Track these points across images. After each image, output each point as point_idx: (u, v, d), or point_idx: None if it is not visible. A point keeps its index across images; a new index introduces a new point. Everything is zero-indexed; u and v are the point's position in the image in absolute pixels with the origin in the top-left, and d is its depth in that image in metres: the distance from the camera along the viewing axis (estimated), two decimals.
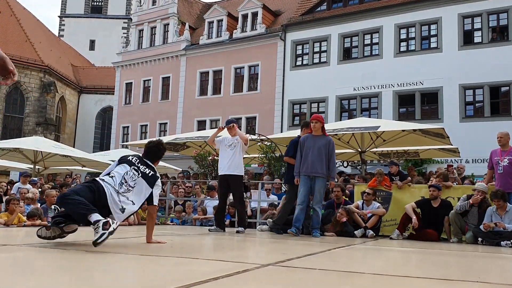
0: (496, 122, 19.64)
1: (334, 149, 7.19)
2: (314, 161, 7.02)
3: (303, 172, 7.11)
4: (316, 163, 7.01)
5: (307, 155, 7.10)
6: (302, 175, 7.14)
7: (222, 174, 7.27)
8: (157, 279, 2.49)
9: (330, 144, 7.13)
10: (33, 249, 3.86)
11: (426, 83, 22.30)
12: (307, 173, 7.07)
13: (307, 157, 7.10)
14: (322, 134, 7.22)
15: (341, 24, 24.98)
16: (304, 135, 7.45)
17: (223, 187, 7.37)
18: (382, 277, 2.96)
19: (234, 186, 7.26)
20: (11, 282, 2.33)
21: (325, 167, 7.06)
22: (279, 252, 4.50)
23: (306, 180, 7.10)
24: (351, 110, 24.40)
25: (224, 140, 7.41)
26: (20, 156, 14.71)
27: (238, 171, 7.25)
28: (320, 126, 7.18)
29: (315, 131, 7.20)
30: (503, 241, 6.46)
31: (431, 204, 7.51)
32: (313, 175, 7.05)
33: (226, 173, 7.19)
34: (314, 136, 7.20)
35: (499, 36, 21.71)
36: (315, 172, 7.02)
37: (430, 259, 4.47)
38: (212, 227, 7.43)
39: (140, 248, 4.15)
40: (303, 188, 7.12)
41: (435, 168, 13.11)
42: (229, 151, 7.23)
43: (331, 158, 7.09)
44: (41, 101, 35.00)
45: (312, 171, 7.03)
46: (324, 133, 7.27)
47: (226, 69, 28.63)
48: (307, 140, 7.21)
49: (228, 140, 7.37)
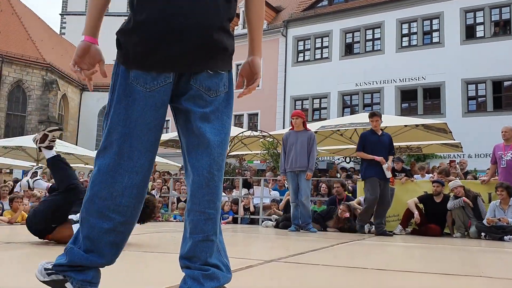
0: (498, 116, 19.59)
1: (315, 143, 7.31)
2: (297, 156, 7.14)
3: (289, 169, 7.21)
4: (299, 159, 7.13)
5: (291, 151, 7.23)
6: (288, 171, 7.23)
7: None
8: (160, 276, 2.50)
9: (311, 138, 7.25)
10: (36, 247, 3.87)
11: (428, 78, 22.23)
12: (292, 169, 7.18)
13: (290, 153, 7.22)
14: (304, 129, 7.35)
15: (342, 19, 24.91)
16: (287, 132, 7.61)
17: None
18: (385, 272, 2.96)
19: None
20: (15, 280, 2.35)
21: (307, 161, 7.15)
22: (282, 248, 4.51)
23: (292, 177, 7.21)
24: (353, 105, 24.35)
25: None
26: (23, 154, 14.76)
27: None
28: (301, 121, 7.33)
29: (296, 127, 7.35)
30: (506, 235, 6.46)
31: (434, 199, 7.51)
32: (297, 170, 7.15)
33: None
34: (296, 132, 7.33)
35: (502, 30, 21.62)
36: (299, 167, 7.13)
37: (433, 254, 4.47)
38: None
39: (144, 245, 4.16)
40: (291, 185, 7.25)
41: (437, 163, 13.08)
42: None
43: (312, 151, 7.18)
44: (44, 99, 35.02)
45: (296, 166, 7.14)
46: (306, 127, 7.40)
47: None
48: (290, 137, 7.36)
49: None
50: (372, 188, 6.92)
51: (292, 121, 7.41)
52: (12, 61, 33.47)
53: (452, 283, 2.62)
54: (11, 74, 33.81)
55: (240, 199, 9.90)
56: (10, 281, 2.27)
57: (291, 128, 7.53)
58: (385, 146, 7.06)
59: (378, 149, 6.99)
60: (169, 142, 14.79)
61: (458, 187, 7.24)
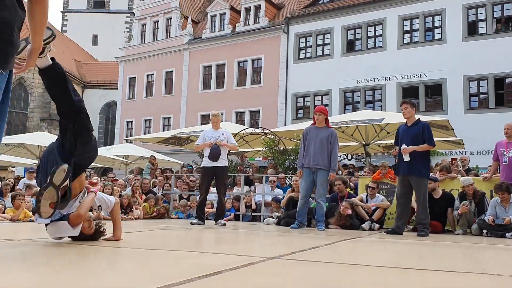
0: (500, 113, 19.53)
1: (336, 141, 7.10)
2: (316, 153, 6.97)
3: (306, 165, 7.08)
4: (318, 156, 6.95)
5: (309, 147, 7.06)
6: (305, 167, 7.12)
7: (206, 167, 7.39)
8: (162, 273, 2.51)
9: (332, 136, 7.05)
10: (38, 244, 3.88)
11: (430, 75, 22.19)
12: (309, 166, 7.03)
13: (309, 149, 7.06)
14: (325, 126, 7.17)
15: (344, 16, 24.85)
16: (307, 127, 7.44)
17: (207, 179, 7.48)
18: (387, 269, 2.97)
19: (220, 177, 7.41)
20: (17, 277, 2.35)
21: (327, 159, 6.99)
22: (284, 245, 4.51)
23: (308, 173, 7.06)
24: (355, 102, 24.33)
25: (206, 136, 7.53)
26: (25, 151, 14.80)
27: (224, 162, 7.44)
28: (324, 118, 7.16)
29: (318, 123, 7.16)
30: (508, 232, 6.45)
31: (432, 196, 7.48)
32: (315, 167, 6.99)
33: (212, 165, 7.31)
34: (317, 128, 7.16)
35: (504, 26, 21.55)
36: (316, 164, 6.97)
37: (435, 251, 4.47)
38: (194, 220, 7.37)
39: (145, 242, 4.17)
40: (305, 182, 7.10)
41: (439, 160, 13.07)
42: (214, 145, 7.35)
43: (333, 150, 7.01)
44: (45, 96, 35.05)
45: (314, 163, 6.98)
46: (328, 125, 7.22)
47: (229, 62, 28.58)
48: (310, 132, 7.17)
49: (210, 133, 7.51)
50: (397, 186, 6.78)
51: (315, 117, 7.21)
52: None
53: (454, 280, 2.63)
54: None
55: (242, 196, 9.90)
56: (12, 279, 2.28)
57: (312, 123, 7.34)
58: (411, 137, 6.44)
59: (404, 141, 6.48)
60: (171, 140, 14.80)
61: (469, 186, 7.22)
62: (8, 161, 17.98)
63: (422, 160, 6.41)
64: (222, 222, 7.37)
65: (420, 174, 6.37)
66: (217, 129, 7.58)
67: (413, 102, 6.86)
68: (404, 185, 6.52)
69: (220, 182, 7.47)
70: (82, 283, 2.21)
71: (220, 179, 7.45)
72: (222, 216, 7.60)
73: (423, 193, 6.43)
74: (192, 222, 7.28)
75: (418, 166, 6.33)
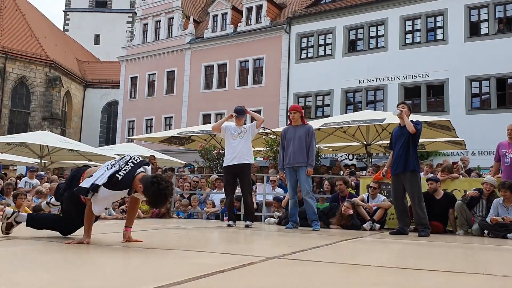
0: (502, 114, 19.51)
1: (313, 137, 7.03)
2: (295, 152, 6.95)
3: (287, 165, 7.07)
4: (298, 154, 6.93)
5: (289, 147, 7.05)
6: (286, 167, 7.11)
7: (229, 165, 7.01)
8: (163, 272, 2.51)
9: (309, 132, 7.00)
10: (38, 243, 3.89)
11: (432, 75, 22.16)
12: (290, 165, 7.03)
13: (288, 149, 7.05)
14: (302, 124, 7.14)
15: (346, 16, 24.83)
16: (285, 127, 7.42)
17: (230, 179, 7.11)
18: (388, 269, 2.96)
19: (242, 175, 7.00)
20: (15, 276, 2.35)
21: (306, 156, 6.93)
22: (284, 245, 4.51)
23: (291, 172, 7.05)
24: (356, 102, 24.31)
25: (229, 128, 7.14)
26: (26, 150, 14.81)
27: (247, 158, 6.99)
28: (299, 116, 7.10)
29: (294, 121, 7.14)
30: (509, 233, 6.44)
31: (434, 196, 7.48)
32: (295, 165, 6.97)
33: (234, 163, 6.95)
34: (294, 127, 7.14)
35: (506, 27, 21.50)
36: (297, 162, 6.94)
37: (436, 251, 4.46)
38: (230, 222, 7.13)
39: (146, 242, 4.17)
40: (289, 181, 7.09)
41: (441, 161, 13.05)
42: (236, 141, 7.00)
43: (310, 146, 6.95)
44: (47, 95, 35.11)
45: (294, 162, 6.97)
46: (304, 121, 7.18)
47: (230, 62, 28.59)
48: (288, 132, 7.16)
49: (233, 129, 7.14)
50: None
51: (290, 116, 7.17)
52: (15, 58, 33.56)
53: (455, 280, 2.62)
54: (15, 71, 33.90)
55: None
56: (10, 278, 2.28)
57: (289, 123, 7.30)
58: (403, 137, 6.44)
59: (397, 143, 6.48)
60: (172, 139, 14.80)
61: (489, 184, 7.17)
62: (9, 160, 18.00)
63: (412, 156, 6.41)
64: (247, 223, 7.01)
65: (413, 167, 6.37)
66: (240, 126, 7.26)
67: (409, 105, 6.86)
68: (396, 187, 6.57)
69: (245, 180, 7.02)
70: (82, 282, 2.21)
71: (244, 178, 7.01)
72: (251, 216, 7.17)
73: (417, 192, 6.45)
74: (229, 224, 7.05)
75: (409, 160, 6.37)
